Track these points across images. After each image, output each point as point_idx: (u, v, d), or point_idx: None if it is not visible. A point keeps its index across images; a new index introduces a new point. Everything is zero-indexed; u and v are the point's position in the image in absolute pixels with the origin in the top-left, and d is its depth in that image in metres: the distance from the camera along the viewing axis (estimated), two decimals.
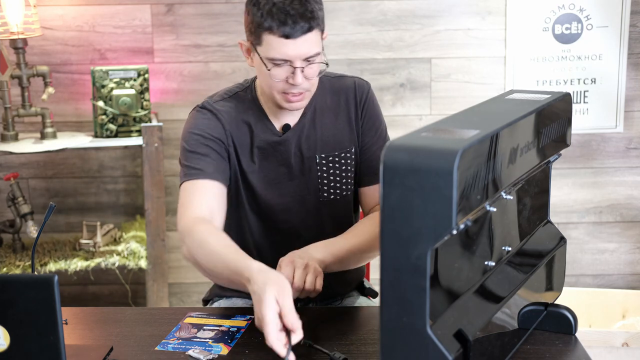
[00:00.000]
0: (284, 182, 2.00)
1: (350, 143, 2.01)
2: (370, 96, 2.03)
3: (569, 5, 3.27)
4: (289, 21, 1.77)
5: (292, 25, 1.77)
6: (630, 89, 3.33)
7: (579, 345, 1.70)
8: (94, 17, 3.22)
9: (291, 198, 2.00)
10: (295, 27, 1.78)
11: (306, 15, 1.78)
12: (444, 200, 1.22)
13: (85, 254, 3.05)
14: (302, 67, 1.82)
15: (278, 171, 1.99)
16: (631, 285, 3.47)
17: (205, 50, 3.26)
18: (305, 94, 1.88)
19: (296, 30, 1.78)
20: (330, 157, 2.00)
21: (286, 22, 1.77)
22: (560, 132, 1.67)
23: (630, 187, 3.41)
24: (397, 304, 1.29)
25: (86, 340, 1.79)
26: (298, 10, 1.78)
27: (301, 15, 1.78)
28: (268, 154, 1.98)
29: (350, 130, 2.01)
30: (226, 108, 1.97)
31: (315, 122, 2.00)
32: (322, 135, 2.00)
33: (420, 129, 1.35)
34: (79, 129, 3.26)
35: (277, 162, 1.99)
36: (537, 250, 1.74)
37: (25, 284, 1.36)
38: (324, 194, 2.01)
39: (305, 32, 1.79)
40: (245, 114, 1.97)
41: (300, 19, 1.78)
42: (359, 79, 2.04)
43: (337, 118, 2.01)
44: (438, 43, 3.29)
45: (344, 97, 2.01)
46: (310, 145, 1.99)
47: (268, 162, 1.98)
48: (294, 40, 1.79)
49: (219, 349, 1.72)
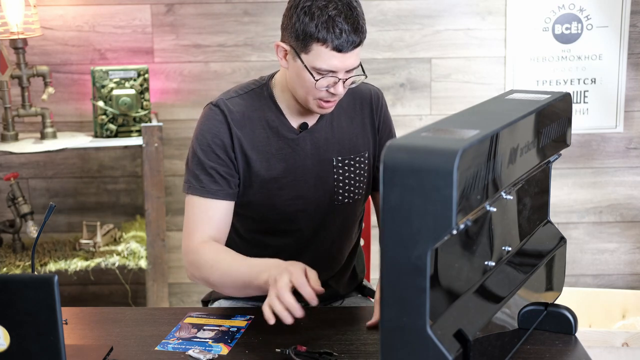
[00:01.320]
0: (299, 184, 1.97)
1: (364, 147, 2.01)
2: (384, 104, 2.07)
3: (569, 5, 3.27)
4: (343, 35, 1.80)
5: (345, 39, 1.80)
6: (630, 89, 3.33)
7: (579, 345, 1.70)
8: (94, 17, 3.22)
9: (305, 200, 1.98)
10: (348, 42, 1.80)
11: (358, 29, 1.81)
12: (443, 200, 1.22)
13: (85, 254, 3.05)
14: (345, 78, 1.85)
15: (294, 172, 1.97)
16: (631, 285, 3.47)
17: (205, 50, 3.26)
18: (337, 99, 1.91)
19: (348, 45, 1.81)
20: (346, 160, 1.99)
21: (340, 37, 1.79)
22: (560, 132, 1.67)
23: (630, 187, 3.41)
24: (397, 304, 1.29)
25: (86, 340, 1.79)
26: (352, 24, 1.80)
27: (354, 30, 1.80)
28: (284, 153, 1.96)
29: (364, 135, 2.02)
30: (239, 107, 1.95)
31: (333, 124, 2.00)
32: (339, 137, 1.99)
33: (420, 129, 1.35)
34: (79, 129, 3.26)
35: (293, 161, 1.96)
36: (537, 250, 1.74)
37: (25, 284, 1.36)
38: (339, 197, 2.00)
39: (355, 47, 1.82)
40: (262, 111, 1.96)
41: (353, 33, 1.80)
42: (373, 87, 2.08)
43: (353, 122, 2.01)
44: (438, 43, 3.29)
45: (359, 102, 2.03)
46: (328, 146, 1.98)
47: (284, 162, 1.96)
48: (344, 54, 1.81)
49: (219, 349, 1.72)
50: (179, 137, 3.30)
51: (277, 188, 1.96)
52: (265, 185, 1.95)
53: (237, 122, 1.93)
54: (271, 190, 1.96)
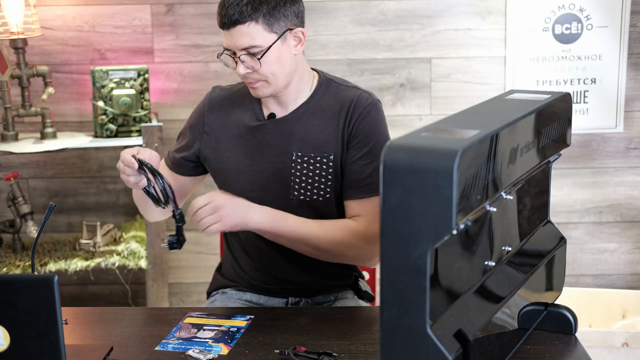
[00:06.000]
0: (255, 172, 2.02)
1: (330, 149, 1.99)
2: (367, 112, 1.99)
3: (569, 5, 3.27)
4: (224, 12, 1.89)
5: (225, 15, 1.88)
6: (630, 89, 3.33)
7: (579, 345, 1.70)
8: (94, 17, 3.22)
9: (260, 189, 2.02)
10: (227, 18, 1.88)
11: (240, 6, 1.87)
12: (443, 200, 1.22)
13: (85, 254, 3.05)
14: (238, 57, 1.91)
15: (252, 158, 2.02)
16: (631, 285, 3.47)
17: (205, 50, 3.26)
18: (256, 80, 1.95)
19: (229, 22, 1.89)
20: (305, 157, 2.00)
21: (222, 14, 1.89)
22: (560, 132, 1.67)
23: (630, 187, 3.41)
24: (397, 304, 1.29)
25: (86, 340, 1.79)
26: (237, 2, 1.88)
27: (236, 6, 1.87)
28: (246, 139, 2.03)
29: (335, 138, 1.99)
30: (225, 94, 2.10)
31: (303, 119, 2.01)
32: (306, 133, 2.00)
33: (420, 129, 1.35)
34: (79, 129, 3.26)
35: (252, 148, 2.03)
36: (537, 250, 1.74)
37: (25, 284, 1.36)
38: (295, 192, 2.00)
39: (237, 24, 1.88)
40: (242, 100, 2.07)
41: (234, 9, 1.87)
42: (367, 95, 2.01)
43: (328, 123, 2.00)
44: (438, 43, 3.29)
45: (339, 105, 2.01)
46: (291, 140, 2.00)
47: (244, 148, 2.03)
48: (229, 32, 1.90)
49: (219, 349, 1.72)
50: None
51: (236, 172, 2.04)
52: (227, 168, 2.05)
53: (215, 108, 2.08)
54: (230, 172, 2.05)
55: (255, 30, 1.89)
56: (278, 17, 1.90)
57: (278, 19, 1.90)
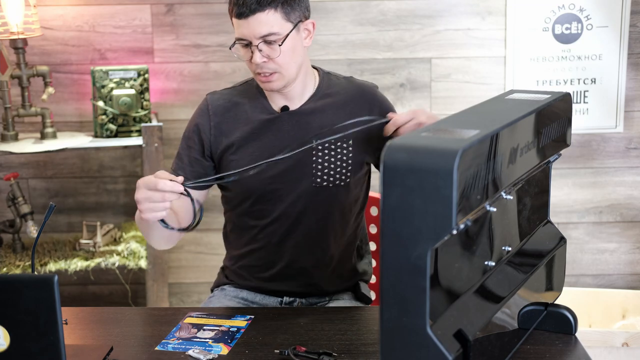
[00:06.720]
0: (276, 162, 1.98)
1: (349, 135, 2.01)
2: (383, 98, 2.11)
3: (569, 5, 3.27)
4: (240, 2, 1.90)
5: (243, 3, 1.89)
6: (630, 89, 3.33)
7: (579, 345, 1.70)
8: (94, 17, 3.22)
9: (281, 181, 2.02)
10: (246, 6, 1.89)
11: None
12: (443, 200, 1.22)
13: (85, 254, 3.05)
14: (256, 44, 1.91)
15: (270, 150, 2.00)
16: (631, 285, 3.47)
17: (205, 50, 3.26)
18: (271, 72, 1.94)
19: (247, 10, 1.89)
20: (326, 144, 2.01)
21: (239, 2, 1.90)
22: (560, 132, 1.67)
23: (630, 187, 3.41)
24: (397, 304, 1.29)
25: (86, 340, 1.79)
26: None
27: None
28: (260, 134, 2.03)
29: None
30: (226, 96, 2.08)
31: (317, 109, 2.02)
32: (321, 122, 2.01)
33: (420, 129, 1.35)
34: (79, 129, 3.26)
35: (269, 141, 2.02)
36: (537, 250, 1.74)
37: (25, 284, 1.36)
38: (317, 179, 2.01)
39: (256, 12, 1.88)
40: (247, 99, 2.06)
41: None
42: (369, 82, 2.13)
43: (340, 110, 2.03)
44: (438, 43, 3.29)
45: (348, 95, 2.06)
46: (309, 129, 2.01)
47: (260, 143, 2.02)
48: (247, 20, 1.90)
49: (219, 349, 1.72)
50: (179, 137, 3.28)
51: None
52: (241, 165, 2.00)
53: (219, 111, 2.06)
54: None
55: (274, 18, 1.89)
56: (294, 6, 1.92)
57: (294, 8, 1.92)
